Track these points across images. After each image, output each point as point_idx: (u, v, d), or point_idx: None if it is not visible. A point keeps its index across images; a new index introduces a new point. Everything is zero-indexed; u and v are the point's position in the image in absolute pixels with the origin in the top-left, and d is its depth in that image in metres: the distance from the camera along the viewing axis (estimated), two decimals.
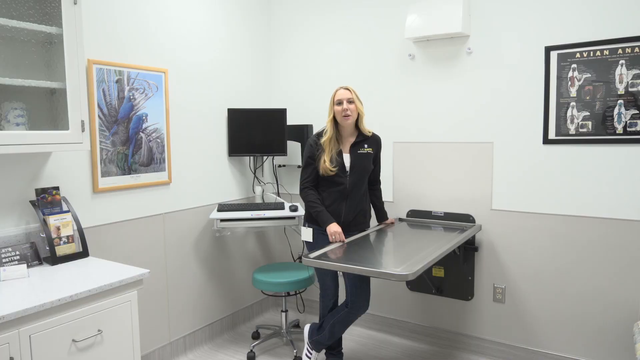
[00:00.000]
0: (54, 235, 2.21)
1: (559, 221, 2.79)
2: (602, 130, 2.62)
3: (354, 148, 2.71)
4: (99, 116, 2.55)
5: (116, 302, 1.96)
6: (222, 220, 3.10)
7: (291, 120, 3.69)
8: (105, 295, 1.91)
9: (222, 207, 3.21)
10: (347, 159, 2.70)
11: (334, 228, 2.59)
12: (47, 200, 2.28)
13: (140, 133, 2.78)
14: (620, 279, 2.65)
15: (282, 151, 3.49)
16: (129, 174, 2.73)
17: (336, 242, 2.57)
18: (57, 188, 2.32)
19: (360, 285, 2.66)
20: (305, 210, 2.79)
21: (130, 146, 2.73)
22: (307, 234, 2.72)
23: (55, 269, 2.12)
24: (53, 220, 2.23)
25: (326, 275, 2.77)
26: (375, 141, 2.79)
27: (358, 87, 2.89)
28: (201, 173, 3.24)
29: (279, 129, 3.48)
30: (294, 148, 3.62)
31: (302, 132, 3.58)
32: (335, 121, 2.69)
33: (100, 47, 2.56)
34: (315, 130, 3.53)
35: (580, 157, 2.70)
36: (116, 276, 1.99)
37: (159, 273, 2.97)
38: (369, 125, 2.81)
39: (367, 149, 2.73)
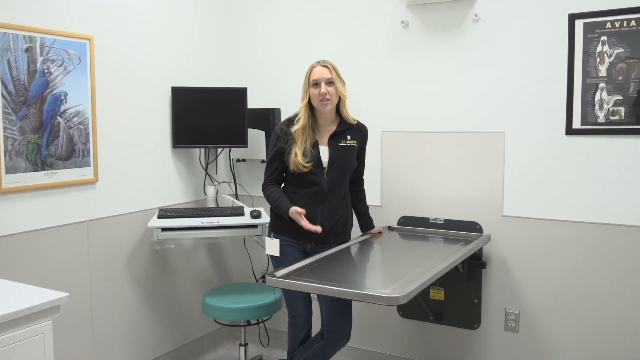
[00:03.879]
0: None
1: (586, 230, 2.84)
2: (637, 118, 2.68)
3: (333, 139, 2.72)
4: (2, 95, 2.51)
5: (24, 336, 1.92)
6: (163, 229, 3.07)
7: (253, 102, 3.68)
8: (10, 327, 1.87)
9: (164, 213, 3.18)
10: (324, 152, 2.70)
11: (296, 211, 2.59)
12: None
13: (58, 117, 2.74)
14: None
15: (242, 142, 3.48)
16: (43, 169, 2.69)
17: (310, 227, 2.55)
18: None
19: (339, 311, 2.67)
20: (271, 216, 2.79)
21: (45, 134, 2.69)
22: (272, 246, 2.71)
23: None
24: None
25: (297, 299, 2.77)
26: (360, 132, 2.80)
27: (338, 61, 2.88)
28: (137, 169, 3.21)
29: (238, 114, 3.46)
30: (256, 138, 3.61)
31: (267, 118, 3.57)
32: (310, 106, 2.69)
33: (3, 5, 2.51)
34: (284, 116, 3.52)
35: (612, 150, 2.75)
36: (25, 302, 1.95)
37: (82, 297, 2.92)
38: (351, 110, 2.81)
39: (350, 141, 2.74)
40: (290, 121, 2.73)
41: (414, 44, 3.21)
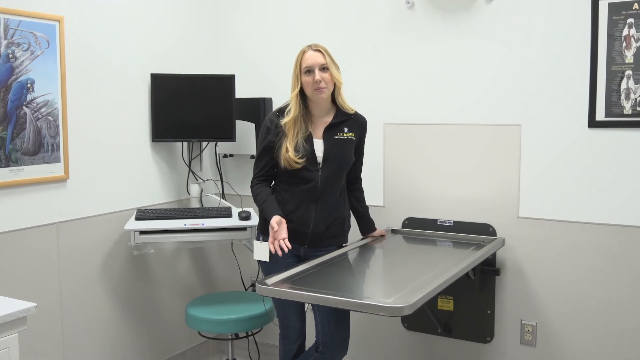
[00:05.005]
0: None
1: (612, 233, 2.84)
2: None
3: (329, 132, 2.72)
4: None
5: None
6: (142, 232, 3.07)
7: (242, 91, 3.67)
8: None
9: (143, 214, 3.18)
10: (319, 146, 2.71)
11: (274, 221, 2.55)
12: None
13: (24, 107, 2.74)
14: None
15: (229, 135, 3.48)
16: (7, 165, 2.70)
17: (277, 246, 2.50)
18: None
19: (336, 322, 2.67)
20: (260, 217, 2.78)
21: (9, 126, 2.69)
22: (262, 250, 2.70)
23: None
24: None
25: (289, 309, 2.77)
26: (358, 123, 2.80)
27: (335, 47, 2.87)
28: (112, 165, 3.21)
29: (225, 104, 3.46)
30: (245, 131, 3.62)
31: (257, 109, 3.58)
32: (302, 95, 2.69)
33: None
34: (275, 106, 3.51)
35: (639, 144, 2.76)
36: None
37: (51, 307, 2.92)
38: (350, 101, 2.81)
39: (347, 134, 2.74)
40: (281, 111, 2.73)
41: (420, 27, 3.20)
